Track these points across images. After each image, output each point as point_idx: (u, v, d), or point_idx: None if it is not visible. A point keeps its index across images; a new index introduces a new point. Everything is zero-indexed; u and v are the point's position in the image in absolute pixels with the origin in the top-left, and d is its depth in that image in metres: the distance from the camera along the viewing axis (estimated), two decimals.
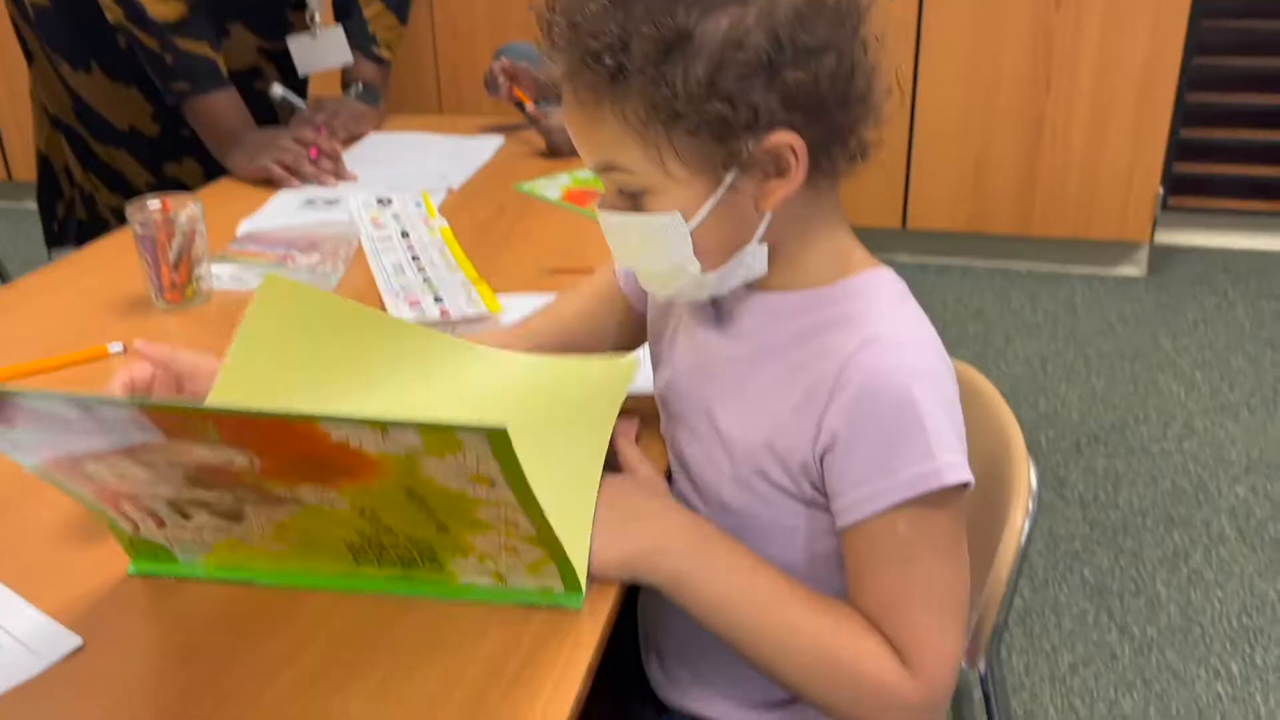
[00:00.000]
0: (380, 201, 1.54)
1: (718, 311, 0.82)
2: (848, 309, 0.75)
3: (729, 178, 0.71)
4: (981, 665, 0.93)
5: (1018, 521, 0.87)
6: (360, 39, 1.92)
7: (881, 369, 0.71)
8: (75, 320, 1.20)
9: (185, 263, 1.21)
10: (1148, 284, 3.03)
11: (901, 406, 0.70)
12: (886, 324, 0.73)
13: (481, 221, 1.51)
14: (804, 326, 0.76)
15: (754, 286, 0.79)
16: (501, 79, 1.85)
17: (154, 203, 1.21)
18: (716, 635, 0.75)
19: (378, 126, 1.93)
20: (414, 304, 1.20)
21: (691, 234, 0.73)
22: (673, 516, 0.78)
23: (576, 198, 1.59)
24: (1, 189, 3.76)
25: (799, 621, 0.73)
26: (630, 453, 0.85)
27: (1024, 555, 0.88)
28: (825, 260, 0.77)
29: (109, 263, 1.37)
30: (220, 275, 1.28)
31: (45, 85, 1.85)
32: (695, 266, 0.74)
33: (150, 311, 1.22)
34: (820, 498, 0.76)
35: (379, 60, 1.94)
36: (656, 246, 0.74)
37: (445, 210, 1.54)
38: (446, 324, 1.17)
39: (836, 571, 0.79)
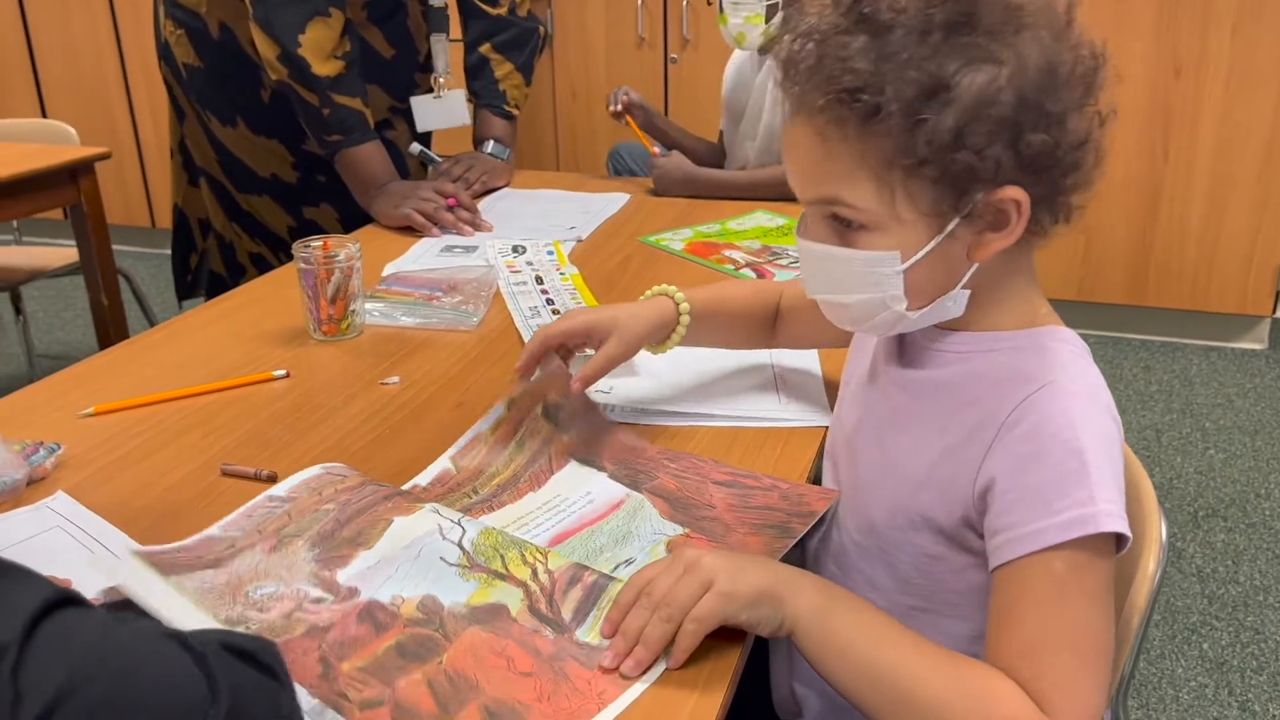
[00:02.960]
0: (515, 249, 1.63)
1: (903, 343, 0.86)
2: (1029, 357, 0.77)
3: (952, 225, 0.73)
4: (1108, 717, 0.93)
5: (1149, 568, 0.87)
6: (492, 97, 2.03)
7: (1054, 412, 0.73)
8: (239, 350, 1.29)
9: (342, 299, 1.30)
10: (1269, 358, 2.96)
11: (1069, 449, 0.71)
12: (1065, 376, 0.75)
13: (609, 270, 1.57)
14: (982, 366, 0.79)
15: (941, 324, 0.82)
16: (619, 109, 2.06)
17: (316, 241, 1.30)
18: (838, 683, 0.73)
19: (509, 180, 2.04)
20: None
21: (903, 274, 0.76)
22: (788, 566, 0.78)
23: (699, 250, 1.65)
24: (148, 235, 4.01)
25: (933, 663, 0.72)
26: None
27: (1153, 603, 0.89)
28: (1013, 309, 0.80)
29: (265, 299, 1.47)
30: (372, 311, 1.37)
31: (194, 140, 2.01)
32: (901, 305, 0.77)
33: (307, 342, 1.31)
34: (966, 533, 0.78)
35: (508, 116, 2.05)
36: (863, 281, 0.77)
37: (575, 259, 1.61)
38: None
39: (954, 612, 0.81)
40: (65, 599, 0.51)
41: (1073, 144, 0.73)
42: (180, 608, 0.75)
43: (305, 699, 0.68)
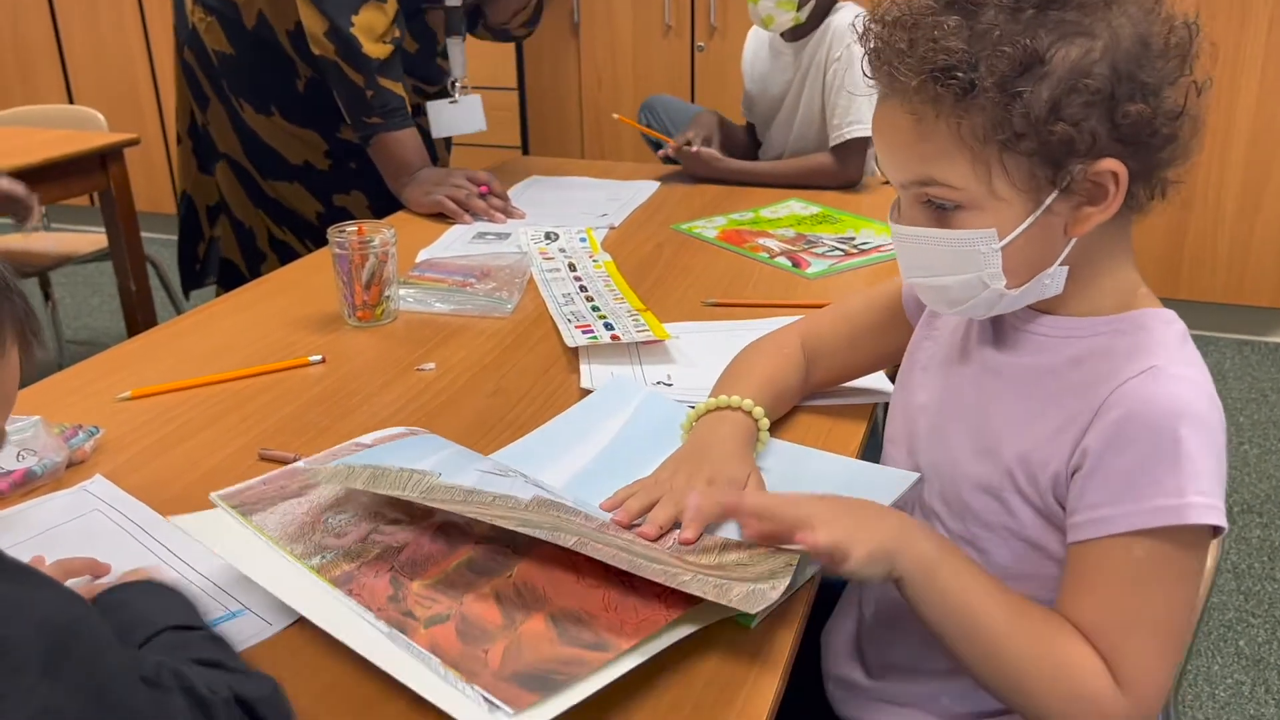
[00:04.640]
0: (548, 236, 1.62)
1: (997, 327, 0.85)
2: (1131, 340, 0.76)
3: (1049, 200, 0.73)
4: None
5: (1208, 564, 0.86)
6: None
7: (1152, 397, 0.72)
8: (272, 335, 1.28)
9: (377, 284, 1.29)
10: None
11: (1164, 437, 0.70)
12: (1167, 359, 0.74)
13: (642, 257, 1.56)
14: (1083, 350, 0.78)
15: (1038, 307, 0.81)
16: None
17: (351, 226, 1.29)
18: (932, 626, 0.75)
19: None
20: (585, 330, 1.25)
21: (1000, 251, 0.75)
22: (903, 515, 0.79)
23: (732, 237, 1.63)
24: (174, 223, 4.02)
25: (1022, 626, 0.74)
26: None
27: (1208, 599, 0.87)
28: (1112, 290, 0.79)
29: (296, 285, 1.47)
30: (406, 297, 1.36)
31: (216, 126, 2.00)
32: (1000, 283, 0.76)
33: (342, 328, 1.30)
34: (1059, 513, 0.77)
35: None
36: (961, 262, 0.76)
37: (607, 246, 1.60)
38: (619, 347, 1.22)
39: (1037, 592, 0.79)
40: (78, 611, 0.52)
41: (1169, 115, 0.72)
42: (262, 548, 0.77)
43: (371, 622, 0.69)
